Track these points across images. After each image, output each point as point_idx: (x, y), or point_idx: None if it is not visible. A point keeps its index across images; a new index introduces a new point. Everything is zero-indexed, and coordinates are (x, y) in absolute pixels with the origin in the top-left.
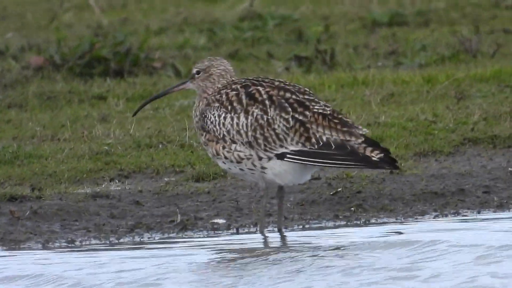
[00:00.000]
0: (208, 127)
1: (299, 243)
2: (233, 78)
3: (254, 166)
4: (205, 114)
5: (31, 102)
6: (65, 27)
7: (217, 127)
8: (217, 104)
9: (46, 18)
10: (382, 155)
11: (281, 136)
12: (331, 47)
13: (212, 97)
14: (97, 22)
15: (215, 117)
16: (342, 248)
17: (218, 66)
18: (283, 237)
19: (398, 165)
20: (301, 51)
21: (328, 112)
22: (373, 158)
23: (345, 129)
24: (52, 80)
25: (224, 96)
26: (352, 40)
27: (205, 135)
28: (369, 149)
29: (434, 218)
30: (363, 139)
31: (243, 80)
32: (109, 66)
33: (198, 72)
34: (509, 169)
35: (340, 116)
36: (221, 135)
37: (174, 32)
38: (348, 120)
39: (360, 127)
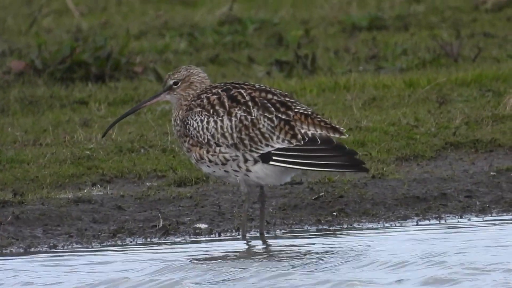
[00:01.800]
0: (191, 133)
1: (281, 248)
2: (211, 84)
3: (239, 167)
4: (187, 120)
5: (12, 107)
6: (45, 32)
7: (201, 132)
8: (198, 109)
9: (26, 22)
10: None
11: (266, 135)
12: (312, 52)
13: (193, 102)
14: (77, 26)
15: (197, 122)
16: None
17: (198, 74)
18: (265, 242)
19: (367, 169)
20: (282, 55)
21: (310, 112)
22: (356, 156)
23: (328, 125)
24: (33, 85)
25: (205, 100)
26: (333, 44)
27: (188, 140)
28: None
29: (416, 222)
30: (345, 136)
31: (222, 84)
32: (90, 71)
33: (176, 83)
34: (491, 173)
35: (320, 117)
36: (206, 140)
37: (154, 36)
38: (328, 121)
39: (342, 129)
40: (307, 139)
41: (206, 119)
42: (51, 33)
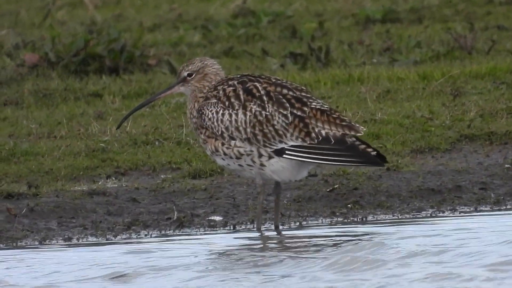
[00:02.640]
0: (206, 124)
1: (296, 240)
2: (227, 76)
3: (254, 162)
4: (202, 111)
5: (27, 100)
6: (58, 24)
7: (215, 123)
8: (214, 100)
9: (40, 15)
10: (375, 152)
11: (280, 132)
12: (326, 44)
13: (209, 93)
14: (91, 19)
15: (212, 113)
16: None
17: (212, 65)
18: (280, 234)
19: (388, 162)
20: (295, 48)
21: (326, 108)
22: (372, 153)
23: (344, 123)
24: (47, 78)
25: (221, 91)
26: (347, 37)
27: (204, 131)
28: (363, 146)
29: (430, 214)
30: (362, 133)
31: (239, 76)
32: (104, 63)
33: (190, 75)
34: (506, 165)
35: (338, 113)
36: (219, 132)
37: (168, 28)
38: (345, 117)
39: (358, 125)
40: (320, 138)
41: (221, 111)
42: (65, 25)
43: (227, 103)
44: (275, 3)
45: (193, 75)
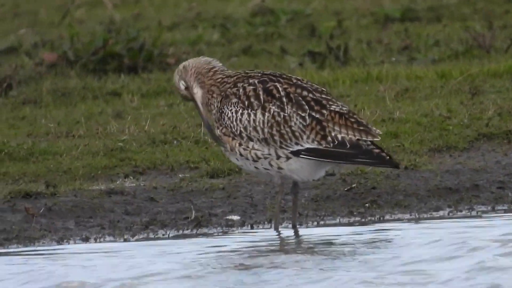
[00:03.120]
0: (226, 123)
1: (314, 240)
2: (247, 72)
3: (271, 166)
4: (223, 109)
5: (45, 99)
6: (77, 23)
7: (234, 123)
8: (234, 100)
9: (58, 14)
10: (388, 157)
11: (297, 134)
12: (344, 43)
13: (229, 90)
14: (110, 18)
15: (232, 113)
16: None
17: (186, 64)
18: (297, 234)
19: (399, 165)
20: (314, 46)
21: (345, 111)
22: (386, 158)
23: (361, 128)
24: (66, 77)
25: (241, 90)
26: (365, 36)
27: (221, 128)
28: (377, 150)
29: (448, 214)
30: (379, 138)
31: (259, 75)
32: (123, 62)
33: (186, 88)
34: None
35: (355, 116)
36: (238, 132)
37: (187, 27)
38: (363, 120)
39: (375, 129)
40: (336, 142)
41: (241, 111)
42: (83, 24)
43: (246, 102)
44: (294, 2)
45: (187, 83)
